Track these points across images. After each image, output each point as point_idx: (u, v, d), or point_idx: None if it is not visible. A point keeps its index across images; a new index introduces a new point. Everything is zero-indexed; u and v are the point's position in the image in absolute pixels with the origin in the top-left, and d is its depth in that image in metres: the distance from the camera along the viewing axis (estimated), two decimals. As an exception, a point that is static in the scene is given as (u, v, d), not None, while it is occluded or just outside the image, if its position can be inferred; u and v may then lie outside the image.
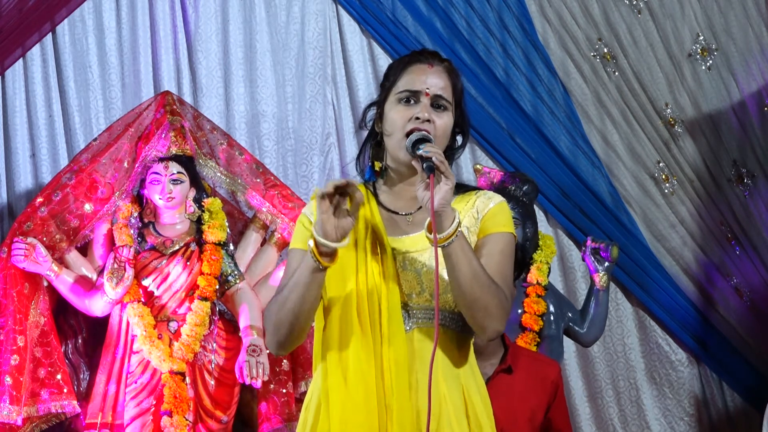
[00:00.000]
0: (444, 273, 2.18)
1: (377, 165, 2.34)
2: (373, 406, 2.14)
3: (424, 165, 2.12)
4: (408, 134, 2.22)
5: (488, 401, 2.29)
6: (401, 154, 2.24)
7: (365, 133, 2.40)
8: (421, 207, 2.28)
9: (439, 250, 2.12)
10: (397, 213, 2.30)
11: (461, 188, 2.33)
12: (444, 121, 2.27)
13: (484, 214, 2.27)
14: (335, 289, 2.22)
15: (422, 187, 2.13)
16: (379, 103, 2.34)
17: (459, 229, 2.11)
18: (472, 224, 2.26)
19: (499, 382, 3.15)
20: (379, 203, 2.32)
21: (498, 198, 2.30)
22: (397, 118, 2.25)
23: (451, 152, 2.33)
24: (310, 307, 2.18)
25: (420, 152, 2.15)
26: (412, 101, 2.26)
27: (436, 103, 2.27)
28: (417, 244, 2.25)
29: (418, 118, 2.23)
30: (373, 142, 2.35)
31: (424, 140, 2.18)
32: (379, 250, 2.23)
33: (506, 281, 2.21)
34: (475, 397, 2.24)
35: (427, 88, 2.26)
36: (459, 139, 2.37)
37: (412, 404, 2.16)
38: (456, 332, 2.24)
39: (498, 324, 2.16)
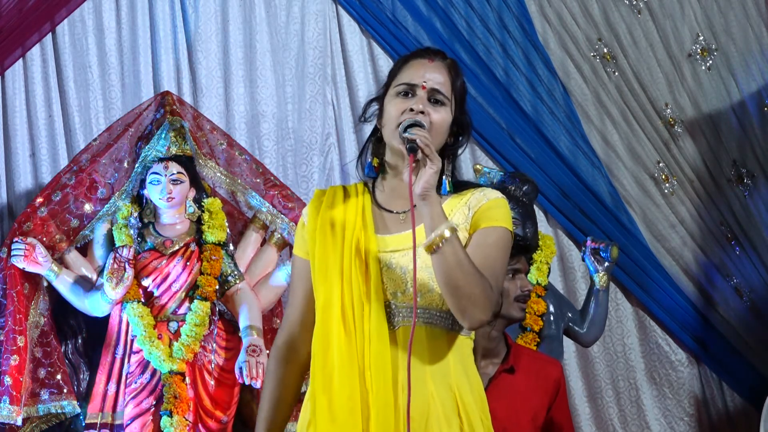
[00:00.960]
0: (430, 271, 2.17)
1: (375, 161, 2.33)
2: (356, 406, 2.14)
3: (407, 146, 2.13)
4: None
5: (484, 401, 2.27)
6: (395, 143, 2.23)
7: (365, 133, 2.41)
8: (415, 205, 2.28)
9: (421, 239, 2.12)
10: (390, 211, 2.29)
11: (461, 186, 2.32)
12: (440, 115, 2.25)
13: (476, 210, 2.24)
14: (321, 288, 2.23)
15: (407, 170, 2.13)
16: (380, 99, 2.34)
17: (451, 235, 2.10)
18: (462, 221, 2.24)
19: (502, 381, 3.15)
20: (374, 200, 2.32)
21: (494, 194, 2.27)
22: (393, 110, 2.25)
23: (450, 150, 2.32)
24: None
25: (405, 134, 2.15)
26: (409, 94, 2.26)
27: (433, 97, 2.25)
28: (404, 243, 2.23)
29: (412, 110, 2.22)
30: (374, 139, 2.35)
31: (415, 124, 2.18)
32: (364, 249, 2.23)
33: (494, 273, 2.17)
34: (467, 397, 2.21)
35: (424, 82, 2.25)
36: (460, 139, 2.36)
37: (399, 403, 2.15)
38: (445, 330, 2.22)
39: (481, 313, 2.13)
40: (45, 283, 4.07)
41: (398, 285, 2.21)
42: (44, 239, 4.03)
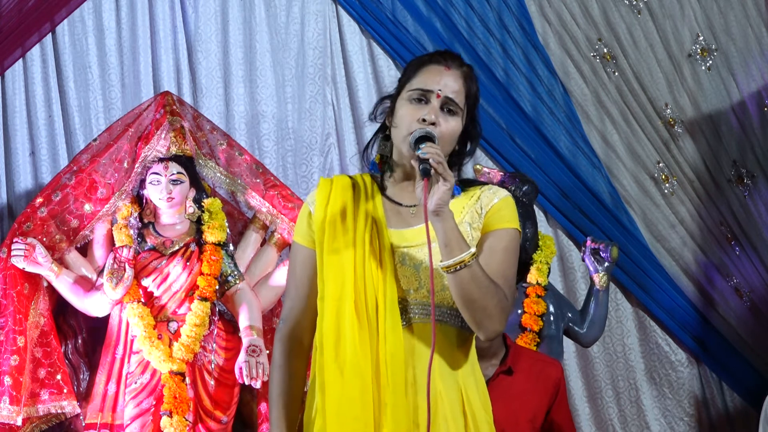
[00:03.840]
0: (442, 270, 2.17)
1: (377, 158, 2.34)
2: (369, 401, 2.14)
3: (420, 167, 2.13)
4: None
5: (487, 399, 2.29)
6: (404, 149, 2.24)
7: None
8: (416, 204, 2.29)
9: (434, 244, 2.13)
10: (401, 204, 2.30)
11: (467, 184, 2.33)
12: (451, 125, 2.26)
13: (488, 210, 2.26)
14: (333, 282, 2.22)
15: (420, 186, 2.14)
16: (393, 97, 2.34)
17: (471, 261, 2.11)
18: (475, 220, 2.26)
19: (500, 383, 3.15)
20: (384, 194, 2.32)
21: (503, 193, 2.29)
22: (405, 115, 2.25)
23: (457, 158, 2.33)
24: None
25: (418, 153, 2.15)
26: (423, 101, 2.26)
27: (446, 106, 2.26)
28: (417, 238, 2.24)
29: (424, 120, 2.23)
30: (382, 135, 2.35)
31: (427, 137, 2.19)
32: (378, 245, 2.23)
33: (507, 280, 2.20)
34: (473, 395, 2.24)
35: (439, 90, 2.25)
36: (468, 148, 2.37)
37: (409, 400, 2.16)
38: (456, 328, 2.24)
39: (497, 324, 2.16)
40: (45, 283, 4.07)
41: (411, 282, 2.23)
42: (44, 239, 4.03)
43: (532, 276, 4.06)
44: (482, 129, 2.39)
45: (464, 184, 2.32)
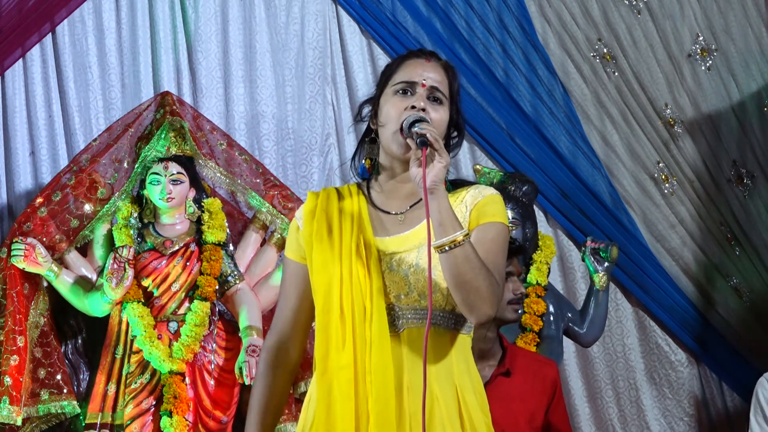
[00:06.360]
0: (434, 272, 2.17)
1: (367, 162, 2.33)
2: (354, 412, 2.13)
3: (418, 140, 2.12)
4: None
5: (485, 401, 2.27)
6: (395, 146, 2.23)
7: (363, 131, 2.41)
8: (412, 206, 2.28)
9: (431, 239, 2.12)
10: (387, 212, 2.29)
11: (455, 185, 2.32)
12: (440, 114, 2.26)
13: (473, 207, 2.25)
14: (322, 296, 2.22)
15: (416, 164, 2.13)
16: (375, 99, 2.34)
17: (464, 240, 2.11)
18: (460, 219, 2.23)
19: (498, 384, 3.15)
20: (370, 202, 2.31)
21: (489, 191, 2.28)
22: (392, 108, 2.25)
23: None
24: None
25: (415, 129, 2.15)
26: (409, 92, 2.26)
27: (432, 95, 2.26)
28: (405, 244, 2.23)
29: (414, 107, 2.22)
30: (368, 140, 2.35)
31: (420, 120, 2.18)
32: (365, 254, 2.22)
33: (496, 267, 2.18)
34: (470, 397, 2.22)
35: (424, 80, 2.25)
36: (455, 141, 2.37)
37: (404, 406, 2.15)
38: (449, 330, 2.22)
39: (488, 307, 2.13)
40: (45, 283, 4.08)
41: (401, 287, 2.21)
42: (44, 239, 4.03)
43: (532, 276, 4.06)
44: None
45: (452, 185, 2.31)
